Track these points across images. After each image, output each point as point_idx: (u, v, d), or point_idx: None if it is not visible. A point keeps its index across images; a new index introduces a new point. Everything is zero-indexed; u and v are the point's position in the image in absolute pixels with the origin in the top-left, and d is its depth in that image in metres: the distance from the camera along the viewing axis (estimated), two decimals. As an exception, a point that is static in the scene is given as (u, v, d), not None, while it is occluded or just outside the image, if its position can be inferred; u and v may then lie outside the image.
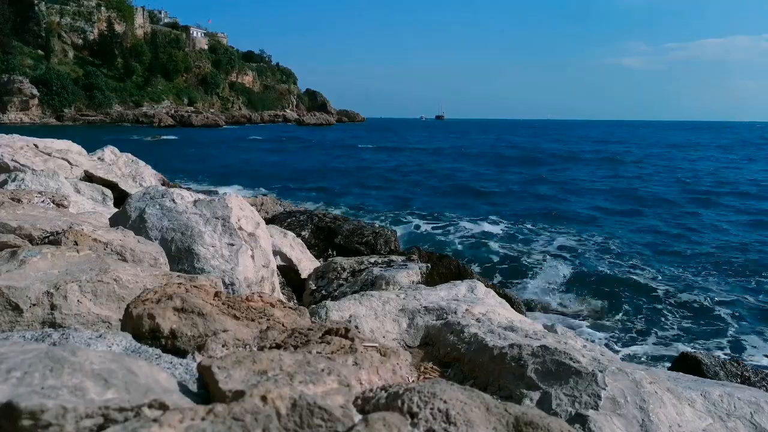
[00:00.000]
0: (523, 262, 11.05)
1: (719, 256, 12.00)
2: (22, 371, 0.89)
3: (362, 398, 1.08)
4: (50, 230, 2.45)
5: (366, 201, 18.48)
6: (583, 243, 12.92)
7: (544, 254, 11.73)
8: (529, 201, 19.30)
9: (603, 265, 11.06)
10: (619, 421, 1.70)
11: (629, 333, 7.49)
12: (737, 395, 1.99)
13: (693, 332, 7.71)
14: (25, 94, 69.12)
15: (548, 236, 13.58)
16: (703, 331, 7.76)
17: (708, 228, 15.02)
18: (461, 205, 17.99)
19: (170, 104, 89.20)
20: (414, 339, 2.52)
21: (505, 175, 27.25)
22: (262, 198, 8.81)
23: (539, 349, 1.94)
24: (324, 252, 6.00)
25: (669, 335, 7.52)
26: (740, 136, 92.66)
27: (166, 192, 3.26)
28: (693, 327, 7.88)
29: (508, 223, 15.08)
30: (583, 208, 17.79)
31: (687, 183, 24.94)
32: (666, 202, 19.30)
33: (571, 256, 11.62)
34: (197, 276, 2.07)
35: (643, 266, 10.97)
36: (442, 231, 14.04)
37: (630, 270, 10.68)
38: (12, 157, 5.45)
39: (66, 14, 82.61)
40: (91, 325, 1.66)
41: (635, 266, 10.98)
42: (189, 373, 1.22)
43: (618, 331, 7.52)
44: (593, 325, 7.75)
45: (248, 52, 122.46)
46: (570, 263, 11.01)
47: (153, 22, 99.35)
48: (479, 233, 13.70)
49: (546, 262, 11.07)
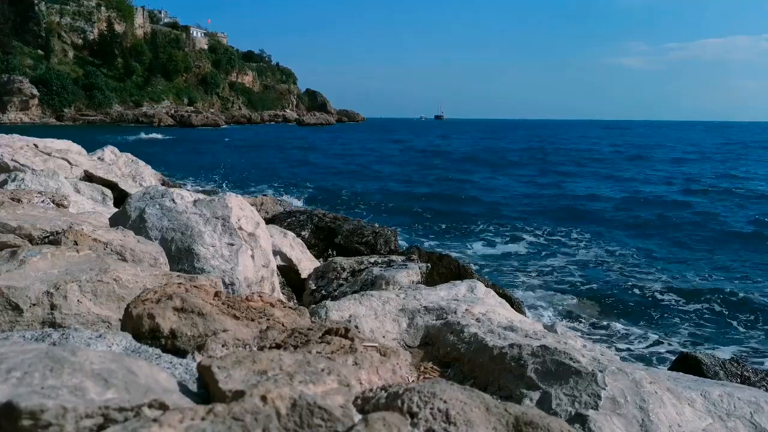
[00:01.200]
0: (524, 261, 11.07)
1: (720, 256, 12.00)
2: (22, 371, 0.89)
3: (362, 398, 1.08)
4: (50, 230, 2.45)
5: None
6: (583, 243, 12.93)
7: (544, 254, 11.74)
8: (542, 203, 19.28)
9: (603, 265, 11.06)
10: (619, 420, 1.70)
11: (629, 333, 7.49)
12: (737, 395, 1.99)
13: (693, 332, 7.71)
14: (25, 94, 69.11)
15: (549, 236, 13.59)
16: (703, 330, 7.76)
17: (711, 227, 15.01)
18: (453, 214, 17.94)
19: (170, 104, 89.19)
20: (414, 339, 2.52)
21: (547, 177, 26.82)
22: (262, 198, 8.80)
23: (539, 349, 1.94)
24: (324, 252, 5.99)
25: (669, 335, 7.52)
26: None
27: (166, 192, 3.26)
28: (693, 327, 7.87)
29: (508, 222, 15.09)
30: (594, 208, 17.78)
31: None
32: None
33: (571, 256, 11.63)
34: (197, 276, 2.07)
35: (643, 266, 10.97)
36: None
37: (630, 270, 10.68)
38: (12, 157, 5.45)
39: (66, 14, 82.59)
40: (91, 325, 1.66)
41: (636, 266, 10.98)
42: (189, 373, 1.22)
43: (618, 331, 7.52)
44: (593, 324, 7.75)
45: (248, 52, 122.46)
46: (570, 263, 11.02)
47: (153, 22, 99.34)
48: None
49: (546, 261, 11.08)
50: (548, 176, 27.20)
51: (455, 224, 14.69)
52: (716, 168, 32.26)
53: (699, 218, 16.30)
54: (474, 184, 23.46)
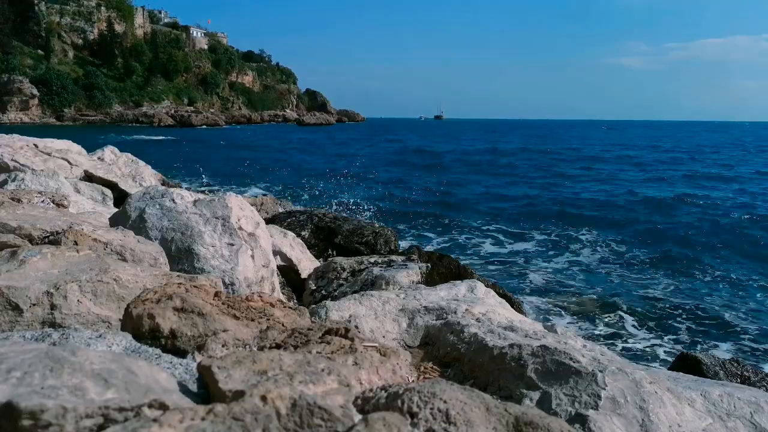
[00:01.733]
0: (524, 261, 11.06)
1: (721, 255, 12.00)
2: (22, 371, 0.89)
3: (362, 398, 1.08)
4: (50, 230, 2.45)
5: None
6: (583, 242, 12.92)
7: (545, 254, 11.74)
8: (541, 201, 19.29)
9: (604, 264, 11.06)
10: (619, 420, 1.70)
11: (629, 333, 7.49)
12: (737, 395, 1.99)
13: (693, 332, 7.71)
14: (25, 94, 69.13)
15: (549, 235, 13.59)
16: (703, 330, 7.76)
17: (713, 228, 15.00)
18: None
19: (170, 104, 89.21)
20: (414, 339, 2.52)
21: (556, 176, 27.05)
22: (262, 198, 8.80)
23: (539, 349, 1.94)
24: (324, 252, 5.99)
25: (669, 335, 7.52)
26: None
27: (166, 192, 3.25)
28: (693, 327, 7.87)
29: (507, 222, 15.09)
30: (591, 209, 17.79)
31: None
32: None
33: (572, 257, 11.63)
34: (197, 276, 2.07)
35: (643, 266, 10.97)
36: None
37: (631, 270, 10.68)
38: (12, 157, 5.45)
39: (66, 14, 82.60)
40: (91, 325, 1.65)
41: (636, 266, 10.98)
42: (189, 373, 1.22)
43: (618, 331, 7.52)
44: (593, 324, 7.75)
45: (248, 52, 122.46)
46: (571, 263, 11.02)
47: (153, 22, 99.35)
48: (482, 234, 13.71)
49: (547, 262, 11.08)
50: (551, 177, 27.22)
51: (456, 224, 14.70)
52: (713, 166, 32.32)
53: (699, 218, 16.31)
54: (478, 184, 23.49)
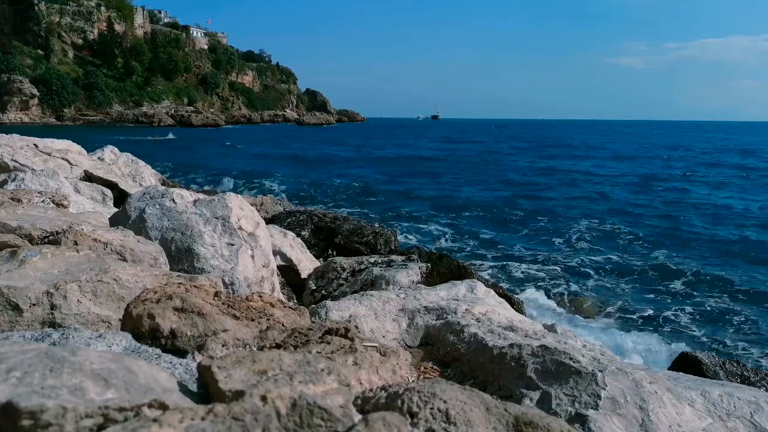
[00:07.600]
0: (524, 261, 11.06)
1: (722, 256, 12.00)
2: (22, 371, 0.89)
3: (362, 398, 1.08)
4: (50, 230, 2.44)
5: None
6: (585, 243, 12.92)
7: (544, 253, 11.74)
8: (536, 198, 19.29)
9: (604, 264, 11.06)
10: (619, 420, 1.70)
11: (629, 332, 7.49)
12: (737, 395, 1.99)
13: (693, 331, 7.71)
14: (25, 94, 69.13)
15: (549, 234, 13.59)
16: (703, 330, 7.76)
17: (713, 228, 15.00)
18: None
19: (170, 104, 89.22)
20: (414, 339, 2.52)
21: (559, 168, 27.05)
22: (262, 198, 8.80)
23: (539, 349, 1.94)
24: (324, 252, 5.99)
25: (670, 335, 7.52)
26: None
27: (166, 192, 3.25)
28: (694, 326, 7.88)
29: (507, 222, 15.09)
30: (591, 206, 17.78)
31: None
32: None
33: (572, 257, 11.62)
34: (197, 276, 2.07)
35: (644, 266, 10.97)
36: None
37: (631, 270, 10.67)
38: (12, 157, 5.45)
39: (66, 14, 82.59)
40: (91, 325, 1.65)
41: (637, 266, 10.98)
42: (189, 373, 1.22)
43: (618, 331, 7.53)
44: (593, 324, 7.76)
45: (248, 52, 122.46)
46: (572, 263, 11.01)
47: (153, 21, 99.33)
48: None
49: (547, 261, 11.08)
50: (550, 176, 27.23)
51: (455, 225, 14.70)
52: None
53: (702, 218, 16.31)
54: (483, 183, 23.50)
